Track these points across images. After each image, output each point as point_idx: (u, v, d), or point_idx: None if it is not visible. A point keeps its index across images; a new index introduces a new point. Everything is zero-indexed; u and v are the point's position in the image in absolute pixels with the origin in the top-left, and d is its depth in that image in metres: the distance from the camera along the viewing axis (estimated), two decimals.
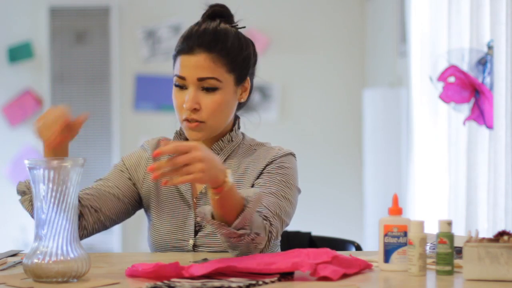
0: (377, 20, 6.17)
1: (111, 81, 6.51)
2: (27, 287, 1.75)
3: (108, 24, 6.51)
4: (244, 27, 2.29)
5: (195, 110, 2.19)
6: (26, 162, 1.80)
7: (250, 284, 1.72)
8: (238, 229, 1.95)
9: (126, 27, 6.53)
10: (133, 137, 6.42)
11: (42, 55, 6.50)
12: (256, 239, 2.00)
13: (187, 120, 2.20)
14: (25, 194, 2.18)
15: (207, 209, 1.98)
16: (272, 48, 6.46)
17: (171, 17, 6.45)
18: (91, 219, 2.23)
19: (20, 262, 1.98)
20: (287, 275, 1.80)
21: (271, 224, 2.08)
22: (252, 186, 2.21)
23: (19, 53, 6.48)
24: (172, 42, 6.41)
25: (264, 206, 2.11)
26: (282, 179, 2.20)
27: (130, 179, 2.31)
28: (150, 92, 6.50)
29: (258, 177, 2.22)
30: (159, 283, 1.73)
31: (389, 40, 5.74)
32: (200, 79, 2.19)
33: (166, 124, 2.39)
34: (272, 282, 1.76)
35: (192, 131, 2.21)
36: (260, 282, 1.74)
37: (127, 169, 2.32)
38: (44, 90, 6.49)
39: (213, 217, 1.97)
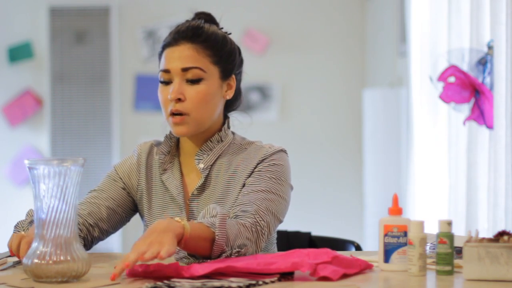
0: (377, 20, 6.17)
1: (111, 81, 6.51)
2: (28, 287, 1.75)
3: (108, 24, 6.51)
4: (230, 33, 2.32)
5: (179, 101, 2.19)
6: (26, 162, 1.80)
7: (250, 284, 1.72)
8: (220, 255, 1.96)
9: (126, 27, 6.52)
10: (133, 137, 6.41)
11: (42, 55, 6.49)
12: (244, 249, 2.01)
13: (172, 114, 2.20)
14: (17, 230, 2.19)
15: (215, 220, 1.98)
16: (272, 48, 6.46)
17: (171, 17, 6.44)
18: (89, 237, 2.23)
19: (20, 262, 1.98)
20: (287, 275, 1.81)
21: (262, 219, 2.09)
22: (244, 185, 2.21)
23: (19, 53, 6.47)
24: None
25: (252, 202, 2.11)
26: (273, 176, 2.19)
27: (124, 188, 2.31)
28: (150, 92, 6.49)
29: (249, 176, 2.21)
30: (159, 283, 1.73)
31: (389, 40, 5.74)
32: (184, 69, 2.20)
33: (165, 124, 2.39)
34: (272, 282, 1.76)
35: (177, 126, 2.21)
36: (260, 282, 1.74)
37: (120, 178, 2.32)
38: (44, 90, 6.49)
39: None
